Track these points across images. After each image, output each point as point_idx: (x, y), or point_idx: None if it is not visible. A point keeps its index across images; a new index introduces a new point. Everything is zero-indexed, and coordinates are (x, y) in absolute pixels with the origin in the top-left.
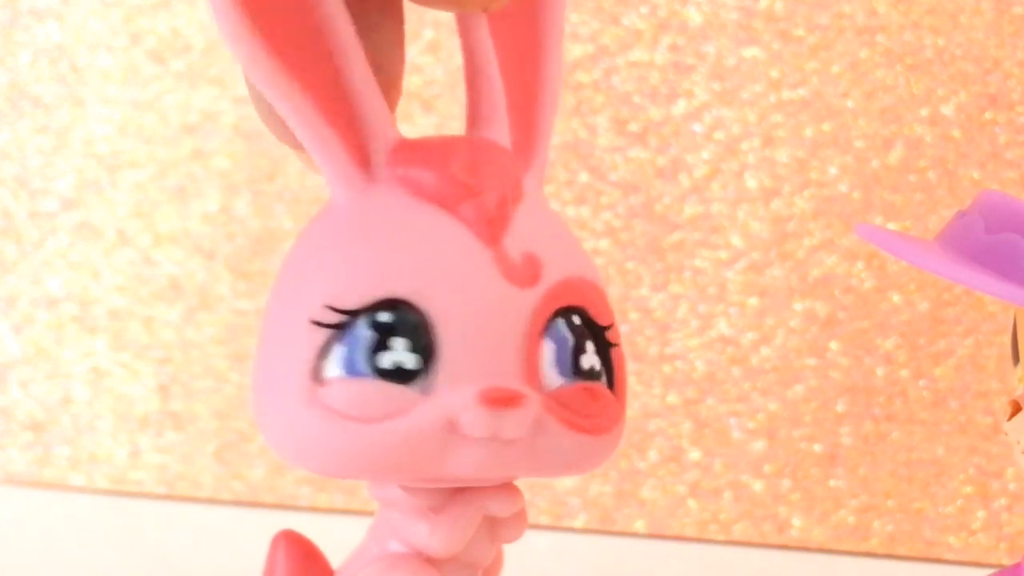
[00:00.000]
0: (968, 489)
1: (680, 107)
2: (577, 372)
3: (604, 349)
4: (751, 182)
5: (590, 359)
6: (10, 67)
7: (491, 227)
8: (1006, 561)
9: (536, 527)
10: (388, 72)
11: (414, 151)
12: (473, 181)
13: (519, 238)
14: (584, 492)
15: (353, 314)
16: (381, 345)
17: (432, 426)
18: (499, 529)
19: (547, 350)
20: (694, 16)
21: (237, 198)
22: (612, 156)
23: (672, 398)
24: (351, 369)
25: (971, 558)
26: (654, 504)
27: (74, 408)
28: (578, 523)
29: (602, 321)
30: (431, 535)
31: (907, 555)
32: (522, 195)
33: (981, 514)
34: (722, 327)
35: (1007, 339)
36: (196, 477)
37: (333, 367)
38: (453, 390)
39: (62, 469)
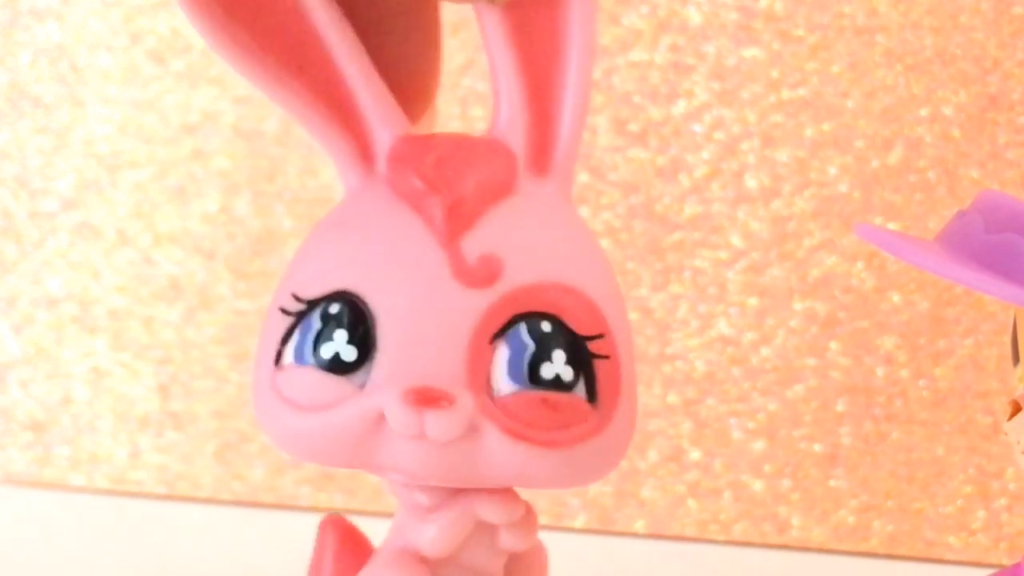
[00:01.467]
0: (968, 489)
1: (680, 107)
2: (535, 380)
3: (584, 360)
4: (751, 182)
5: (555, 368)
6: (10, 67)
7: (449, 226)
8: (1006, 561)
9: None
10: (418, 79)
11: (404, 148)
12: (438, 178)
13: (484, 239)
14: (584, 492)
15: (311, 304)
16: (325, 335)
17: (359, 420)
18: (499, 536)
19: (500, 355)
20: (694, 16)
21: (237, 198)
22: (612, 156)
23: (672, 398)
24: (299, 357)
25: (971, 558)
26: (654, 504)
27: (74, 408)
28: (578, 523)
29: (583, 331)
30: (421, 534)
31: (907, 555)
32: (506, 194)
33: (981, 514)
34: (722, 327)
35: (1007, 339)
36: (196, 477)
37: (288, 354)
38: (385, 386)
39: (62, 469)
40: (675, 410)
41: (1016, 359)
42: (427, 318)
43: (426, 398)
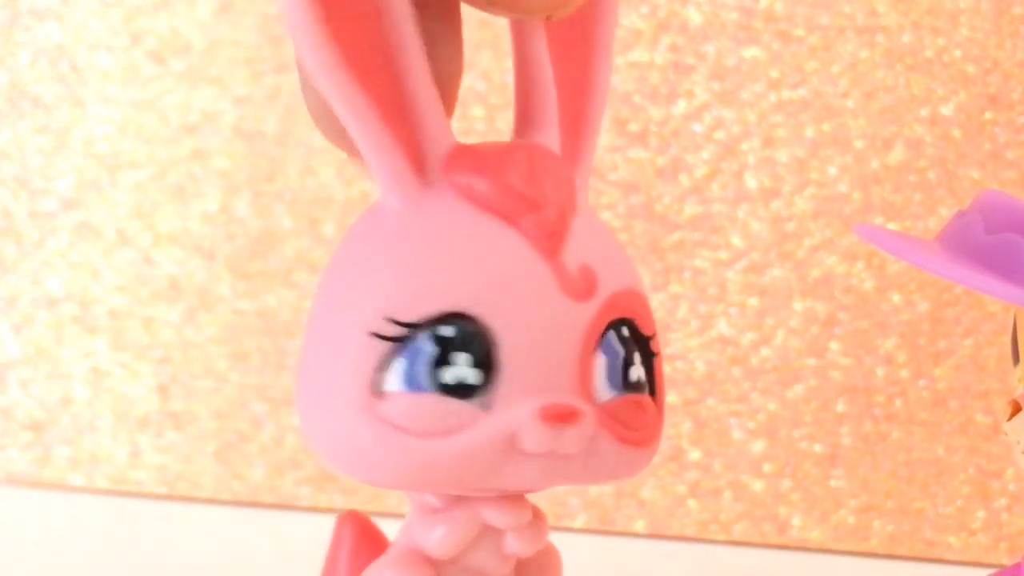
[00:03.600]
0: (968, 489)
1: (680, 107)
2: (627, 385)
3: (648, 359)
4: (751, 182)
5: (637, 371)
6: (10, 67)
7: (551, 241)
8: (1006, 561)
9: None
10: (448, 84)
11: (472, 158)
12: (534, 193)
13: (576, 251)
14: (584, 492)
15: (415, 327)
16: (443, 360)
17: (492, 442)
18: (505, 540)
19: (600, 363)
20: (694, 16)
21: (237, 198)
22: (612, 156)
23: (672, 398)
24: (412, 384)
25: (971, 558)
26: (654, 504)
27: (74, 408)
28: (578, 523)
29: (647, 331)
30: (427, 534)
31: (907, 555)
32: (577, 206)
33: (981, 514)
34: (722, 327)
35: (1007, 339)
36: (196, 477)
37: (393, 381)
38: (513, 405)
39: (62, 469)
40: (675, 410)
41: (1016, 359)
42: (547, 335)
43: (561, 415)
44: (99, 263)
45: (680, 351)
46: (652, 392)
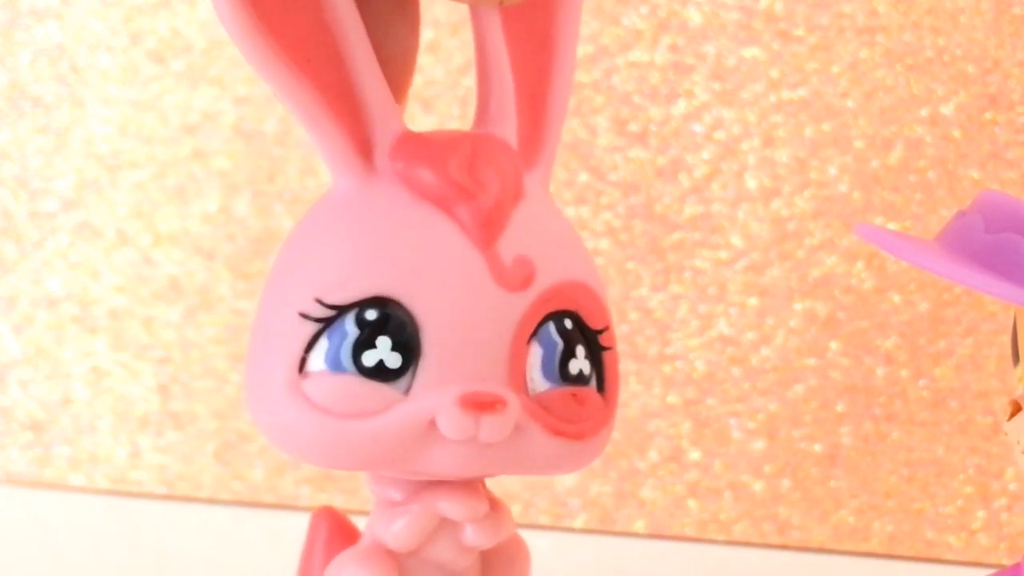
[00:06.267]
0: (968, 489)
1: (680, 107)
2: (564, 377)
3: (596, 352)
4: (751, 182)
5: (579, 364)
6: (10, 67)
7: (485, 230)
8: (1006, 561)
9: (536, 527)
10: (400, 63)
11: (416, 146)
12: (470, 183)
13: (514, 241)
14: (584, 492)
15: (340, 309)
16: (366, 343)
17: (410, 426)
18: (464, 532)
19: (534, 354)
20: (694, 16)
21: (237, 198)
22: (612, 156)
23: (672, 398)
24: (334, 364)
25: (971, 558)
26: (654, 504)
27: (74, 408)
28: (578, 523)
29: (595, 325)
30: (385, 528)
31: (907, 555)
32: (522, 196)
33: (981, 514)
34: (722, 327)
35: (1007, 339)
36: (196, 477)
37: (317, 361)
38: (434, 391)
39: (62, 469)
40: (675, 410)
41: (1016, 359)
42: (472, 323)
43: (482, 403)
44: (99, 263)
45: (680, 351)
46: (600, 385)
